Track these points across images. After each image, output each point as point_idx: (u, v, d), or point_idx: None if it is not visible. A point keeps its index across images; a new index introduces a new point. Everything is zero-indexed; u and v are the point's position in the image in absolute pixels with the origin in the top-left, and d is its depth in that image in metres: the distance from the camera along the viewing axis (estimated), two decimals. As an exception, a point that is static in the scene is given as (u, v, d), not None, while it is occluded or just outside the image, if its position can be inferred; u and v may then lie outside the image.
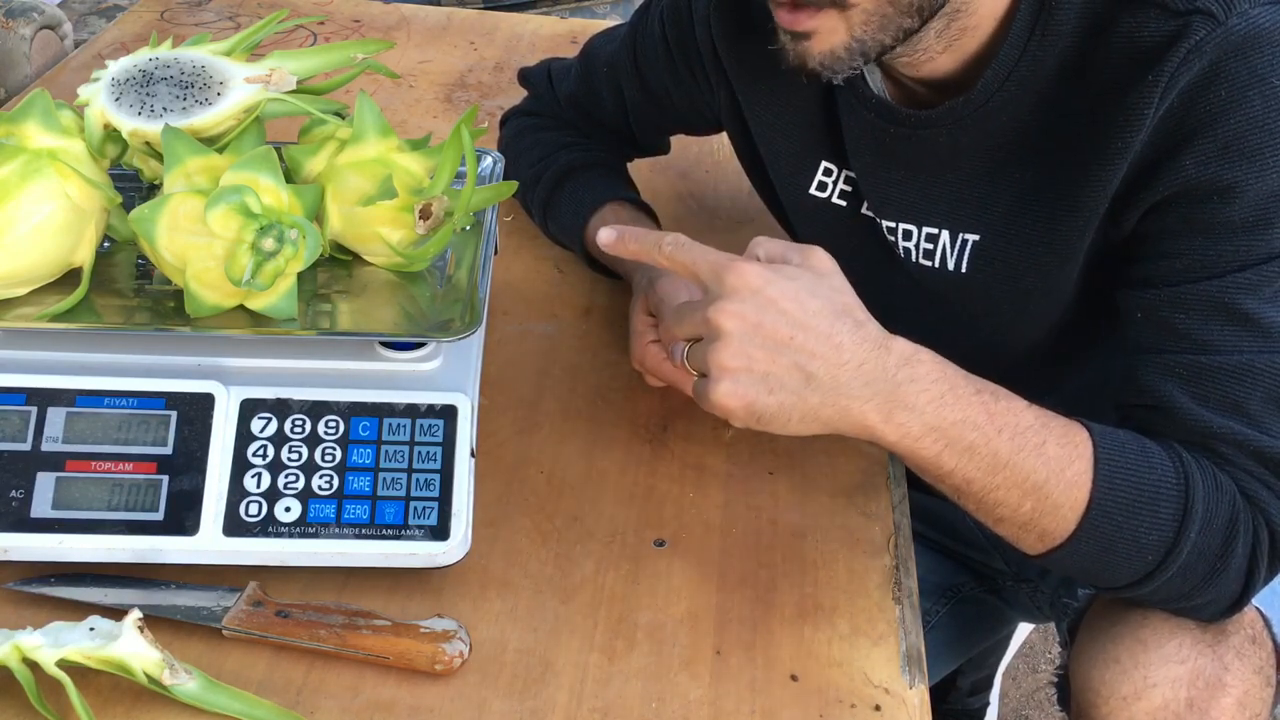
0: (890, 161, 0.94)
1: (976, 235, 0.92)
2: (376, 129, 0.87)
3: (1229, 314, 0.79)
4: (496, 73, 1.55)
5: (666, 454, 0.95)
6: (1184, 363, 0.80)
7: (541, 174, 1.14)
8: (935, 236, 0.94)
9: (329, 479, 0.79)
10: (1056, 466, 0.77)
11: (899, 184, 0.95)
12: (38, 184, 0.79)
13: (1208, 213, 0.79)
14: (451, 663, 0.75)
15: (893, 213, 0.96)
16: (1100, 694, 0.84)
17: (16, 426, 0.78)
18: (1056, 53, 0.84)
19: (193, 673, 0.71)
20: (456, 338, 0.81)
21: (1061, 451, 0.77)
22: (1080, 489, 0.77)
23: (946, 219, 0.93)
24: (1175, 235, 0.81)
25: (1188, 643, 0.83)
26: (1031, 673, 1.91)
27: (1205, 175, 0.78)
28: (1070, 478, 0.77)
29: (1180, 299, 0.81)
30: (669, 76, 1.10)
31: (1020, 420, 0.77)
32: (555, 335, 1.07)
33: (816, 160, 1.01)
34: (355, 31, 1.62)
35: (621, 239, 0.81)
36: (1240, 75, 0.77)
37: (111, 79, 0.84)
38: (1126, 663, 0.83)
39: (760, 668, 0.78)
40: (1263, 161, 0.77)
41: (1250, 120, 0.77)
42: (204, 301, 0.80)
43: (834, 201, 1.01)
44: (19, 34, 1.62)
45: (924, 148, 0.92)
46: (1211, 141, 0.78)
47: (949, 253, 0.94)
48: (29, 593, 0.78)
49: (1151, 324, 0.83)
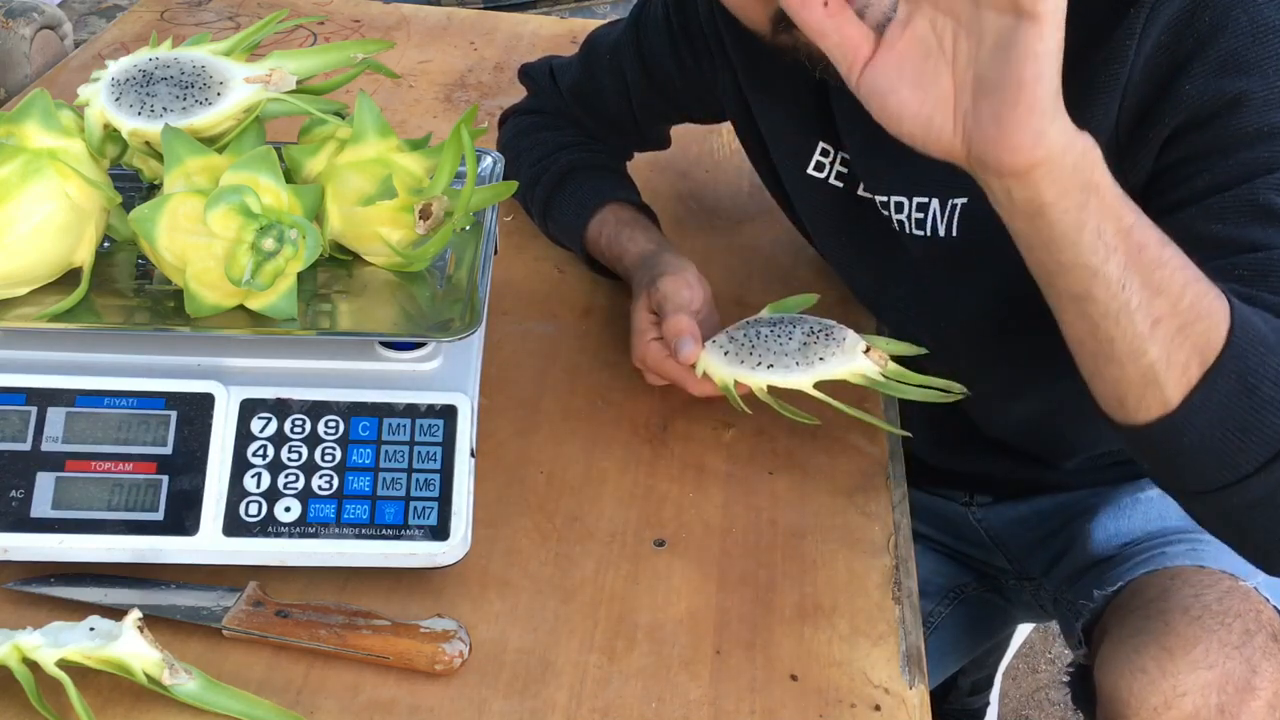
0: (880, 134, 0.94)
1: (964, 198, 0.91)
2: (376, 129, 0.87)
3: (1267, 214, 0.76)
4: (496, 73, 1.55)
5: (666, 454, 0.95)
6: (1237, 263, 0.75)
7: (541, 174, 1.14)
8: (926, 205, 0.94)
9: (329, 479, 0.79)
10: (1196, 275, 0.70)
11: (889, 156, 0.93)
12: (38, 184, 0.79)
13: (1217, 130, 0.78)
14: (451, 663, 0.75)
15: (885, 186, 0.96)
16: (1130, 706, 0.83)
17: (16, 426, 0.78)
18: None
19: (193, 673, 0.71)
20: (456, 338, 0.81)
21: (1196, 273, 0.71)
22: (1222, 312, 0.70)
23: (939, 186, 0.93)
24: (1192, 160, 0.79)
25: (1214, 646, 0.82)
26: (1031, 673, 1.91)
27: (1206, 95, 0.77)
28: (1214, 293, 0.70)
29: (1213, 210, 0.77)
30: (672, 61, 1.10)
31: (1178, 257, 0.71)
32: (555, 335, 1.07)
33: (813, 140, 1.01)
34: (355, 31, 1.62)
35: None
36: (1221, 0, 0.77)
37: (111, 79, 0.84)
38: (1154, 672, 0.82)
39: (760, 668, 0.78)
40: (1261, 70, 0.77)
41: (1239, 35, 0.77)
42: (204, 301, 0.80)
43: (831, 182, 1.02)
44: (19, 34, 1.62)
45: None
46: (1205, 63, 0.77)
47: (939, 219, 0.93)
48: (29, 593, 0.78)
49: (1190, 242, 0.74)
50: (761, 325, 0.92)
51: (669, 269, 0.98)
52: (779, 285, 1.14)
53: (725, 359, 0.91)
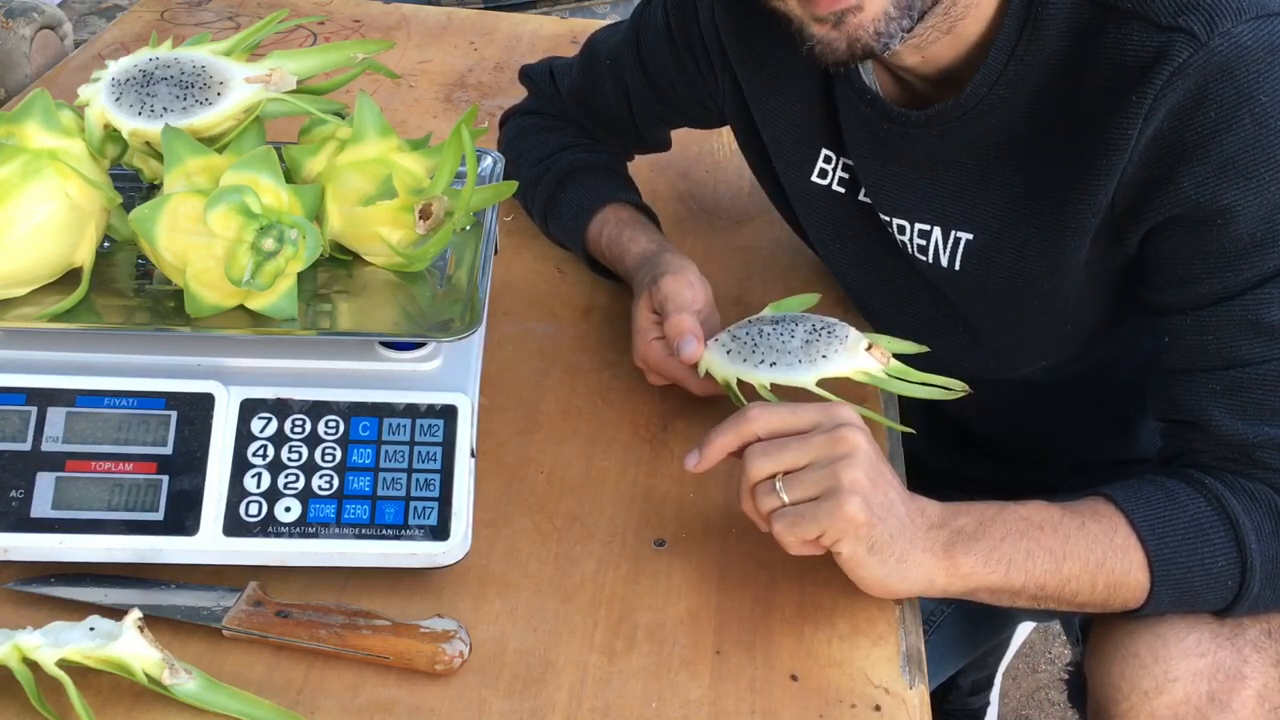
0: (885, 156, 0.95)
1: (969, 234, 0.92)
2: (376, 129, 0.87)
3: (1255, 328, 0.81)
4: (496, 73, 1.55)
5: (666, 454, 0.95)
6: (1217, 379, 0.82)
7: (542, 175, 1.14)
8: (928, 233, 0.95)
9: (329, 479, 0.79)
10: (1105, 537, 0.80)
11: (893, 178, 0.95)
12: (38, 184, 0.79)
13: (1214, 233, 0.80)
14: (451, 663, 0.75)
15: (887, 206, 0.97)
16: (1120, 689, 0.85)
17: (16, 426, 0.78)
18: (1044, 58, 0.84)
19: (193, 673, 0.71)
20: (456, 338, 0.81)
21: (1099, 525, 0.80)
22: (1134, 549, 0.80)
23: (939, 216, 0.94)
24: (1186, 259, 0.82)
25: (1206, 636, 0.83)
26: (1031, 673, 1.91)
27: (1205, 197, 0.79)
28: (1120, 543, 0.80)
29: (1205, 322, 0.82)
30: (673, 66, 1.10)
31: (1051, 514, 0.80)
32: (555, 335, 1.07)
33: (817, 148, 1.02)
34: (355, 31, 1.62)
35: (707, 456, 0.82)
36: (1228, 96, 0.77)
37: (111, 79, 0.84)
38: (1146, 657, 0.84)
39: (760, 668, 0.78)
40: (1259, 178, 0.78)
41: (1243, 140, 0.78)
42: (204, 301, 0.80)
43: (834, 189, 1.02)
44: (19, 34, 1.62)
45: (917, 145, 0.92)
46: (1207, 163, 0.79)
47: (941, 249, 0.94)
48: (29, 593, 0.78)
49: (1180, 347, 0.84)
50: (764, 324, 0.92)
51: (670, 269, 0.98)
52: (779, 285, 1.14)
53: (728, 357, 0.91)
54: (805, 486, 0.77)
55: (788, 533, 0.77)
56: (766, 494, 0.78)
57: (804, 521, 0.76)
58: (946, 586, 0.78)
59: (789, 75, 0.99)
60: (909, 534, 0.77)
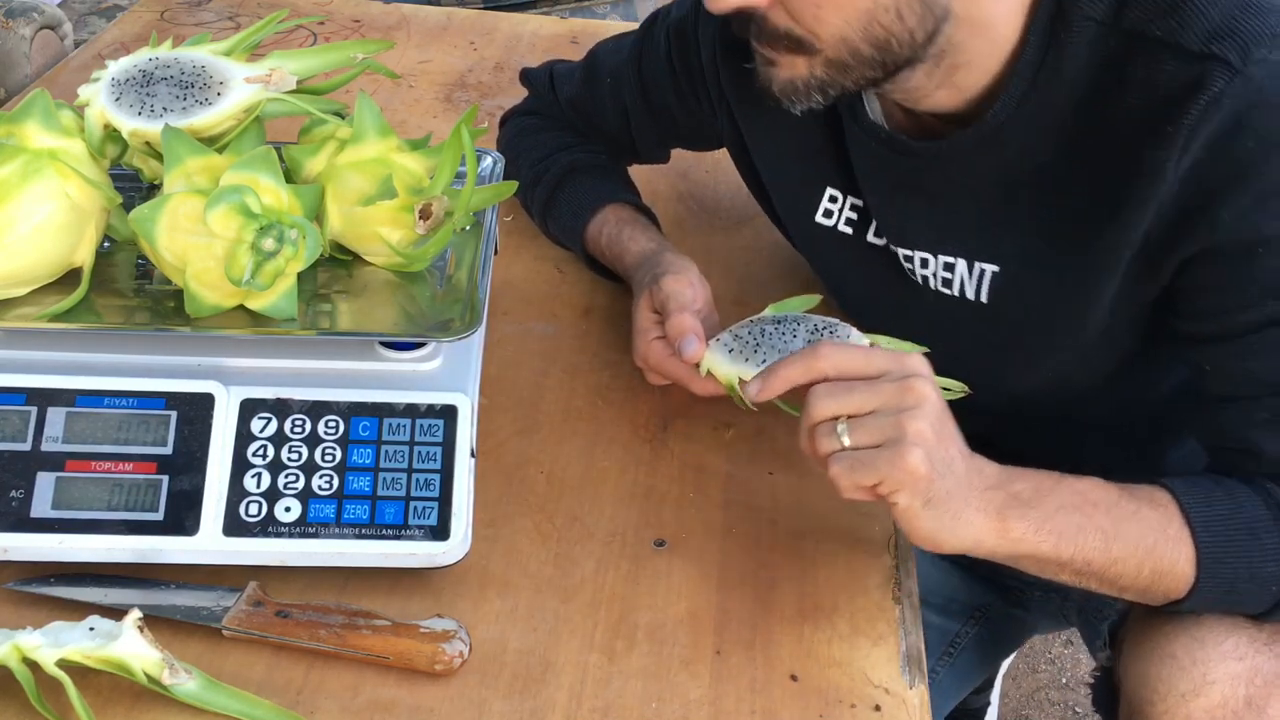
0: (902, 190, 0.93)
1: (995, 266, 0.91)
2: (376, 129, 0.87)
3: None
4: (496, 73, 1.55)
5: (666, 454, 0.95)
6: (1265, 406, 0.81)
7: (542, 175, 1.14)
8: (952, 265, 0.93)
9: (329, 479, 0.79)
10: (1158, 526, 0.79)
11: (914, 213, 0.94)
12: (38, 184, 0.79)
13: (1254, 263, 0.79)
14: (451, 663, 0.75)
15: (909, 241, 0.95)
16: (1158, 691, 0.84)
17: (16, 426, 0.78)
18: (1068, 88, 0.82)
19: (193, 673, 0.71)
20: (456, 338, 0.81)
21: (1155, 513, 0.79)
22: (1185, 543, 0.79)
23: (963, 248, 0.92)
24: (1225, 289, 0.81)
25: (1244, 640, 0.82)
26: (1031, 673, 1.91)
27: (1245, 228, 0.78)
28: (1173, 534, 0.79)
29: (1248, 349, 0.81)
30: (673, 95, 1.10)
31: (1108, 494, 0.80)
32: (555, 335, 1.07)
33: (821, 187, 1.00)
34: (355, 31, 1.62)
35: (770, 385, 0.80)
36: (1266, 125, 0.76)
37: (111, 79, 0.84)
38: (1184, 659, 0.83)
39: (760, 668, 0.78)
40: None
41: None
42: (204, 301, 0.80)
43: (840, 229, 1.00)
44: (19, 34, 1.62)
45: (935, 178, 0.91)
46: (1246, 194, 0.77)
47: (967, 282, 0.92)
48: (29, 593, 0.78)
49: (1222, 375, 0.83)
50: (765, 324, 0.92)
51: (671, 268, 0.98)
52: (779, 285, 1.14)
53: (729, 357, 0.91)
54: (869, 432, 0.75)
55: (844, 476, 0.76)
56: (827, 435, 0.77)
57: (863, 468, 0.75)
58: (994, 548, 0.77)
59: (789, 117, 0.96)
60: (965, 492, 0.76)
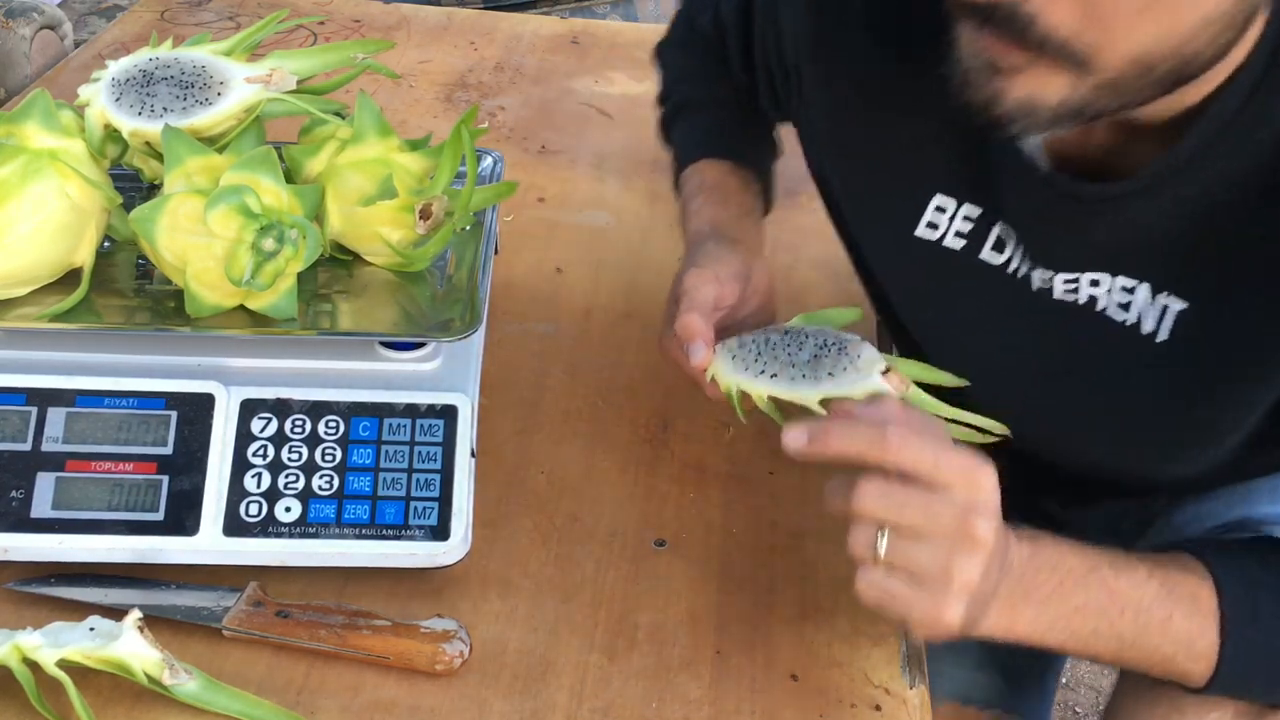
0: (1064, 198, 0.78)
1: (1183, 303, 0.76)
2: (376, 129, 0.87)
3: None
4: (496, 73, 1.55)
5: (666, 454, 0.95)
6: None
7: (664, 99, 1.08)
8: (1132, 289, 0.78)
9: (329, 479, 0.79)
10: (1185, 640, 0.74)
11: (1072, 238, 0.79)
12: (38, 184, 0.79)
13: None
14: (451, 663, 0.75)
15: (1071, 262, 0.79)
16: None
17: (16, 426, 0.78)
18: None
19: (193, 673, 0.71)
20: (456, 338, 0.81)
21: (1188, 624, 0.73)
22: (1210, 656, 0.74)
23: (1143, 271, 0.77)
24: None
25: (1229, 715, 0.80)
26: (1031, 673, 1.91)
27: None
28: (1200, 650, 0.74)
29: None
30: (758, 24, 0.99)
31: (1143, 595, 0.73)
32: (555, 335, 1.07)
33: (926, 193, 0.84)
34: (355, 31, 1.62)
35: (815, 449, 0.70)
36: None
37: (111, 79, 0.84)
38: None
39: (760, 668, 0.78)
40: None
41: None
42: (204, 301, 0.80)
43: (946, 244, 0.84)
44: (19, 34, 1.62)
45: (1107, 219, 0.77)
46: None
47: (1147, 312, 0.77)
48: (29, 593, 0.78)
49: None
50: (772, 333, 0.84)
51: (702, 260, 0.87)
52: (778, 285, 1.13)
53: (732, 364, 0.83)
54: (911, 560, 0.67)
55: (869, 593, 0.69)
56: (864, 534, 0.69)
57: (892, 601, 0.68)
58: (990, 632, 0.71)
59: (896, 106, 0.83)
60: (984, 601, 0.69)
